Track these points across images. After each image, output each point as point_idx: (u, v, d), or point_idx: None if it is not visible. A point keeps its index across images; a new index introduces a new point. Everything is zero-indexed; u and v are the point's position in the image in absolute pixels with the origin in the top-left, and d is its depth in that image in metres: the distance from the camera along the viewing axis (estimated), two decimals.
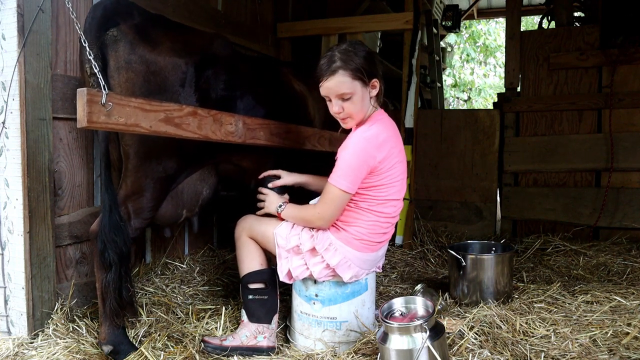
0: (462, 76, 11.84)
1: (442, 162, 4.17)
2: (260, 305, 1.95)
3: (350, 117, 1.83)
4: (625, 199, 3.63)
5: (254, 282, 1.95)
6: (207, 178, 2.19)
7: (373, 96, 1.85)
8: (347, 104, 1.79)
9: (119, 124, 1.49)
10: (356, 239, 1.84)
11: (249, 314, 1.94)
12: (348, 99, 1.78)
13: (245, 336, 1.90)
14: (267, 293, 1.96)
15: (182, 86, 1.89)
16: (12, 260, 1.94)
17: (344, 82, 1.75)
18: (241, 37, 3.35)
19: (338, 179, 1.76)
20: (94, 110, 1.41)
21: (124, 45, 1.76)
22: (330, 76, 1.76)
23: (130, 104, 1.52)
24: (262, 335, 1.91)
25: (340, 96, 1.78)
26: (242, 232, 2.00)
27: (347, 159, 1.76)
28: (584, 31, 3.79)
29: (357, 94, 1.78)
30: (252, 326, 1.92)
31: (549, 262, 3.07)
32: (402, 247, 3.46)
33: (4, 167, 1.93)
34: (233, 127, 1.91)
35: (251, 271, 1.96)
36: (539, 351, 1.73)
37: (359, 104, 1.79)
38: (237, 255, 2.02)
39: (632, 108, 3.61)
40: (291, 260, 1.88)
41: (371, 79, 1.80)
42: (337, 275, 1.85)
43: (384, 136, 1.80)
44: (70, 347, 1.83)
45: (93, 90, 1.42)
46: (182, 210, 2.13)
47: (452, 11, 6.54)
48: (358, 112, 1.82)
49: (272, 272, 1.98)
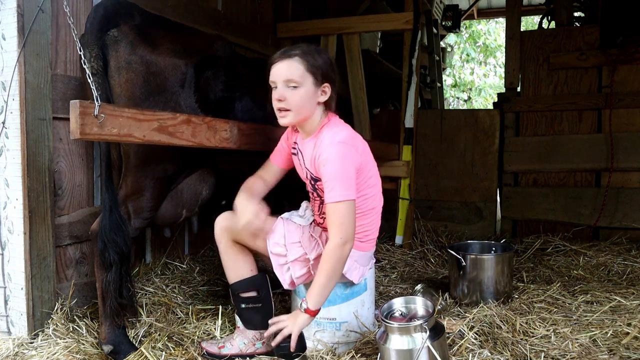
0: (462, 76, 11.84)
1: (442, 162, 4.17)
2: (255, 313, 1.87)
3: (289, 111, 1.71)
4: (625, 199, 3.63)
5: (246, 290, 1.87)
6: (206, 178, 2.20)
7: (321, 101, 1.75)
8: (291, 93, 1.68)
9: (112, 134, 1.50)
10: (360, 241, 1.83)
11: (245, 322, 1.88)
12: (294, 88, 1.68)
13: (243, 344, 1.86)
14: (261, 300, 1.88)
15: (181, 87, 1.89)
16: (12, 260, 1.94)
17: (297, 68, 1.67)
18: (241, 37, 3.35)
19: (337, 194, 1.64)
20: (87, 122, 1.42)
21: (125, 46, 1.76)
22: (284, 59, 1.69)
23: (123, 114, 1.53)
24: (260, 341, 1.87)
25: (287, 82, 1.68)
26: (224, 234, 1.86)
27: (335, 170, 1.66)
28: (584, 31, 3.79)
29: (305, 87, 1.69)
30: (249, 333, 1.87)
31: (549, 262, 3.07)
32: (402, 247, 3.46)
33: (4, 167, 1.93)
34: (228, 134, 1.90)
35: (242, 279, 1.87)
36: (539, 351, 1.73)
37: (304, 99, 1.69)
38: (222, 261, 1.89)
39: (632, 108, 3.61)
40: (294, 269, 1.81)
41: (324, 81, 1.73)
42: (344, 278, 1.83)
43: (353, 133, 1.80)
44: (70, 347, 1.83)
45: (86, 102, 1.43)
46: (182, 210, 2.14)
47: (452, 11, 6.53)
48: (299, 108, 1.70)
49: (264, 278, 1.90)
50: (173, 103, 1.87)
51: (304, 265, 1.81)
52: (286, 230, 1.83)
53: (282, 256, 1.82)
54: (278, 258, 1.82)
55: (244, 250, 1.88)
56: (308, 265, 1.81)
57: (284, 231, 1.83)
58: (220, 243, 1.88)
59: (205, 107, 1.97)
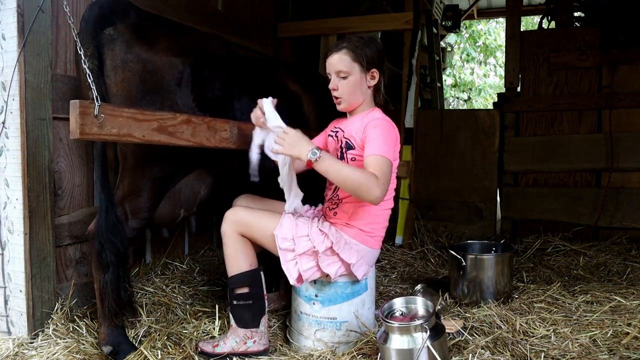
0: (462, 76, 11.83)
1: (442, 162, 4.17)
2: (246, 310, 1.88)
3: (342, 99, 1.88)
4: (625, 199, 3.63)
5: (239, 286, 1.88)
6: (204, 177, 2.19)
7: (372, 86, 1.89)
8: (342, 83, 1.86)
9: (112, 134, 1.50)
10: (369, 236, 1.87)
11: (236, 319, 1.89)
12: (344, 78, 1.85)
13: (235, 342, 1.87)
14: (252, 297, 1.88)
15: (178, 85, 1.88)
16: (12, 260, 1.94)
17: (344, 60, 1.84)
18: (241, 37, 3.35)
19: (380, 148, 1.71)
20: (87, 122, 1.42)
21: (121, 45, 1.75)
22: (334, 52, 1.86)
23: (123, 114, 1.53)
24: (251, 340, 1.87)
25: (337, 73, 1.86)
26: (232, 227, 1.87)
27: (381, 133, 1.76)
28: (584, 31, 3.79)
29: (354, 75, 1.85)
30: (241, 331, 1.88)
31: (549, 262, 3.07)
32: (402, 247, 3.46)
33: (4, 167, 1.93)
34: (228, 134, 1.90)
35: (238, 273, 1.87)
36: (539, 351, 1.73)
37: (354, 86, 1.86)
38: (225, 254, 1.90)
39: (632, 108, 3.61)
40: (301, 262, 1.81)
41: (371, 67, 1.86)
42: (350, 274, 1.85)
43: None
44: (70, 347, 1.83)
45: (86, 102, 1.43)
46: (180, 210, 2.13)
47: (452, 11, 6.53)
48: (350, 95, 1.87)
49: (257, 274, 1.91)
50: (170, 102, 1.86)
51: (312, 259, 1.82)
52: (294, 224, 1.84)
53: (290, 251, 1.82)
54: (286, 253, 1.82)
55: (249, 245, 1.90)
56: (316, 258, 1.81)
57: (292, 225, 1.84)
58: (228, 235, 1.88)
59: (203, 105, 1.96)
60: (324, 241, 1.80)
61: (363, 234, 1.86)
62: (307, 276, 1.83)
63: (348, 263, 1.80)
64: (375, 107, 1.94)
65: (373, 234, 1.89)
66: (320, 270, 1.82)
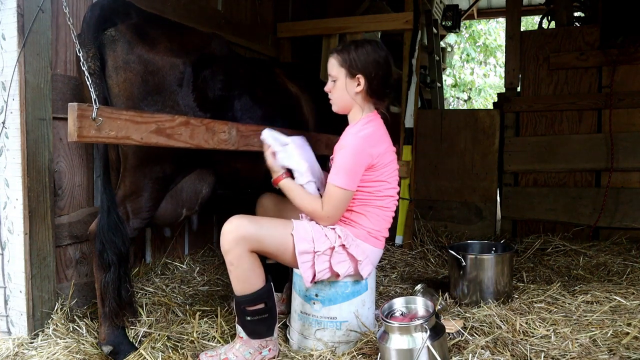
0: (462, 76, 11.83)
1: (442, 162, 4.17)
2: (262, 324, 1.81)
3: (333, 102, 1.95)
4: (625, 199, 3.63)
5: (255, 304, 1.78)
6: (206, 176, 2.19)
7: (357, 91, 1.88)
8: (333, 86, 1.93)
9: (110, 137, 1.50)
10: (372, 236, 1.89)
11: (249, 332, 1.80)
12: (334, 82, 1.91)
13: (248, 353, 1.79)
14: (268, 310, 1.81)
15: (179, 86, 1.88)
16: (12, 260, 1.94)
17: (333, 64, 1.90)
18: (241, 37, 3.35)
19: (338, 178, 1.79)
20: (85, 125, 1.42)
21: (122, 45, 1.75)
22: (330, 55, 1.94)
23: (121, 117, 1.53)
24: (266, 349, 1.83)
25: (330, 76, 1.93)
26: (241, 245, 1.72)
27: (345, 158, 1.80)
28: (584, 31, 3.79)
29: (340, 80, 1.89)
30: (255, 342, 1.80)
31: (549, 262, 3.07)
32: (402, 247, 3.46)
33: (4, 167, 1.93)
34: (226, 135, 1.90)
35: (250, 293, 1.76)
36: (539, 351, 1.73)
37: (340, 91, 1.90)
38: (234, 275, 1.76)
39: (632, 108, 3.61)
40: (318, 262, 1.79)
41: (357, 72, 1.86)
42: (356, 274, 1.86)
43: (379, 134, 1.88)
44: (70, 347, 1.83)
45: (84, 105, 1.43)
46: (182, 209, 2.13)
47: (452, 11, 6.53)
48: (337, 99, 1.93)
49: (270, 287, 1.83)
50: (171, 102, 1.86)
51: (326, 260, 1.81)
52: (309, 224, 1.84)
53: (308, 253, 1.78)
54: (304, 255, 1.78)
55: (256, 259, 1.79)
56: (329, 257, 1.81)
57: (306, 226, 1.83)
58: (236, 252, 1.72)
59: (204, 105, 1.96)
60: (336, 238, 1.82)
61: (366, 234, 1.88)
62: (320, 276, 1.82)
63: (356, 260, 1.82)
64: (368, 114, 1.91)
65: (377, 234, 1.90)
66: (331, 269, 1.81)
